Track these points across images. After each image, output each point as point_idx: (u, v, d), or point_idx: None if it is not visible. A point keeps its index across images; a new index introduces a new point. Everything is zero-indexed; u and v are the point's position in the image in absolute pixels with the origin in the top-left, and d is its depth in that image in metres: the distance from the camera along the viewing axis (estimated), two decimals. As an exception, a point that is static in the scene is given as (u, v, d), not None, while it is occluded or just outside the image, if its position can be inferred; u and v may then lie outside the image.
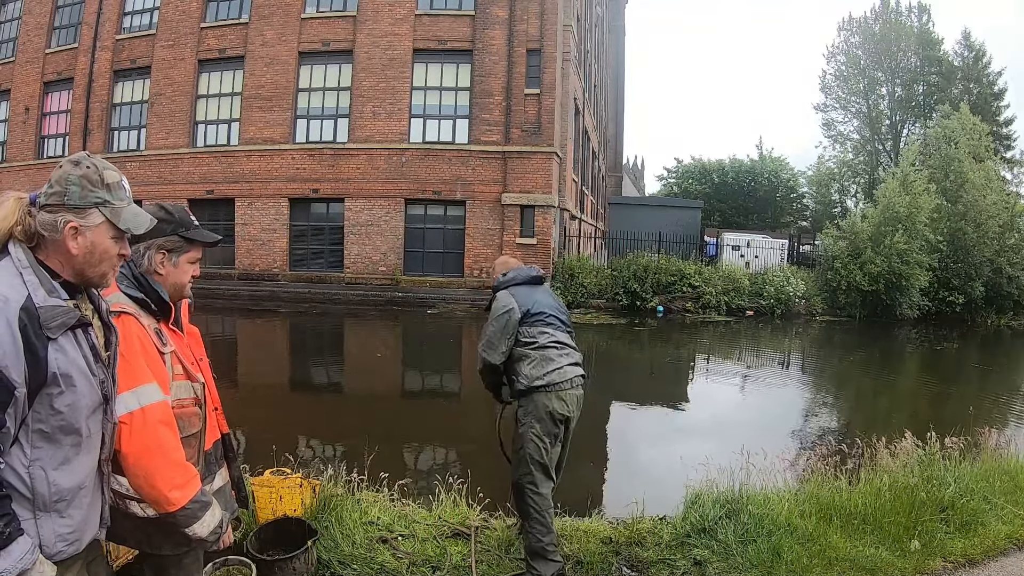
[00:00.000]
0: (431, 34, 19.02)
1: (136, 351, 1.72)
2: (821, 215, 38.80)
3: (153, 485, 1.66)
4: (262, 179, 19.67)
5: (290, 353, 12.75)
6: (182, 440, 1.79)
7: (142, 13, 21.20)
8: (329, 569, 2.95)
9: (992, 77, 37.59)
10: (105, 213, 1.48)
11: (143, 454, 1.64)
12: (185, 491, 1.70)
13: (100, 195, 1.47)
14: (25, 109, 22.20)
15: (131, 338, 1.72)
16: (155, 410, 1.68)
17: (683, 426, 7.88)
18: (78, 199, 1.45)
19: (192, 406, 1.89)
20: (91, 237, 1.46)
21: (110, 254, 1.50)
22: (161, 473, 1.66)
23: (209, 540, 1.78)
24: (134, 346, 1.72)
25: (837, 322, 18.58)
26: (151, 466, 1.65)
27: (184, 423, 1.83)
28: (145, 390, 1.68)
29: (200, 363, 2.00)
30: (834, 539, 3.21)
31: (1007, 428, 7.35)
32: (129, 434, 1.64)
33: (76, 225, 1.44)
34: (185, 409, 1.86)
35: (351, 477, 3.66)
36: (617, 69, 41.66)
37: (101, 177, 1.49)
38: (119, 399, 1.62)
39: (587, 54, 26.36)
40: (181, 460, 1.72)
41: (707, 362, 13.06)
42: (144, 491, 1.68)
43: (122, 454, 1.66)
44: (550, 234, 18.32)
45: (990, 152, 23.87)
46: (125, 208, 1.52)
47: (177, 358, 1.88)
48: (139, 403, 1.66)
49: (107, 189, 1.50)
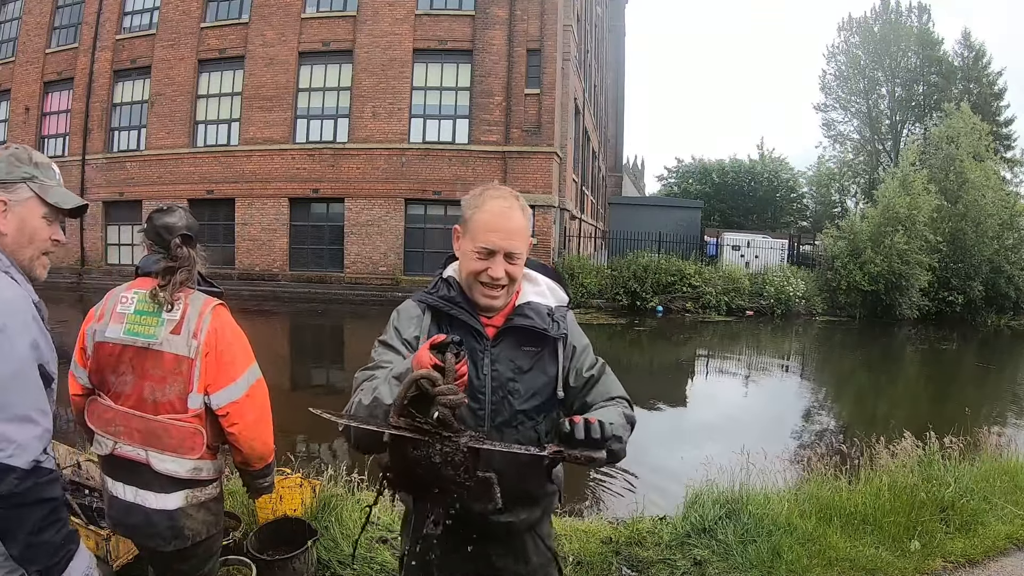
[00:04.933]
0: (431, 34, 19.02)
1: (240, 337, 1.96)
2: (821, 215, 38.81)
3: (266, 442, 2.01)
4: (262, 179, 19.67)
5: (290, 353, 12.75)
6: None
7: (142, 13, 21.20)
8: (329, 569, 2.95)
9: (992, 77, 37.61)
10: (34, 188, 1.42)
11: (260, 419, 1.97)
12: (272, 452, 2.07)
13: (28, 170, 1.43)
14: (25, 109, 22.20)
15: (232, 325, 1.96)
16: (263, 385, 1.99)
17: (683, 426, 7.89)
18: (5, 174, 1.40)
19: None
20: (20, 213, 1.40)
21: (40, 236, 1.44)
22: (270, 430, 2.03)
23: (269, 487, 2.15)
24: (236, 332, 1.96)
25: (837, 322, 18.58)
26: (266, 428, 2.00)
27: None
28: (254, 369, 1.97)
29: None
30: (834, 539, 3.21)
31: (1007, 428, 7.35)
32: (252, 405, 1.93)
33: (4, 199, 1.39)
34: None
35: (351, 477, 3.67)
36: (617, 69, 41.68)
37: (30, 156, 1.46)
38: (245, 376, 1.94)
39: (587, 54, 26.37)
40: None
41: (707, 362, 13.06)
42: (259, 452, 1.99)
43: (243, 426, 1.92)
44: (550, 234, 18.32)
45: (990, 152, 23.85)
46: (55, 186, 1.47)
47: None
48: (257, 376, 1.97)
49: (35, 166, 1.45)
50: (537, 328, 1.53)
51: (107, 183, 21.05)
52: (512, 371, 1.52)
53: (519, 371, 1.52)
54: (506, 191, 1.53)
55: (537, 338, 1.53)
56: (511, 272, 1.50)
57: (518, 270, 1.52)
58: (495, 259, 1.48)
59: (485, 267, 1.48)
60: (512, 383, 1.52)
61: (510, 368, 1.52)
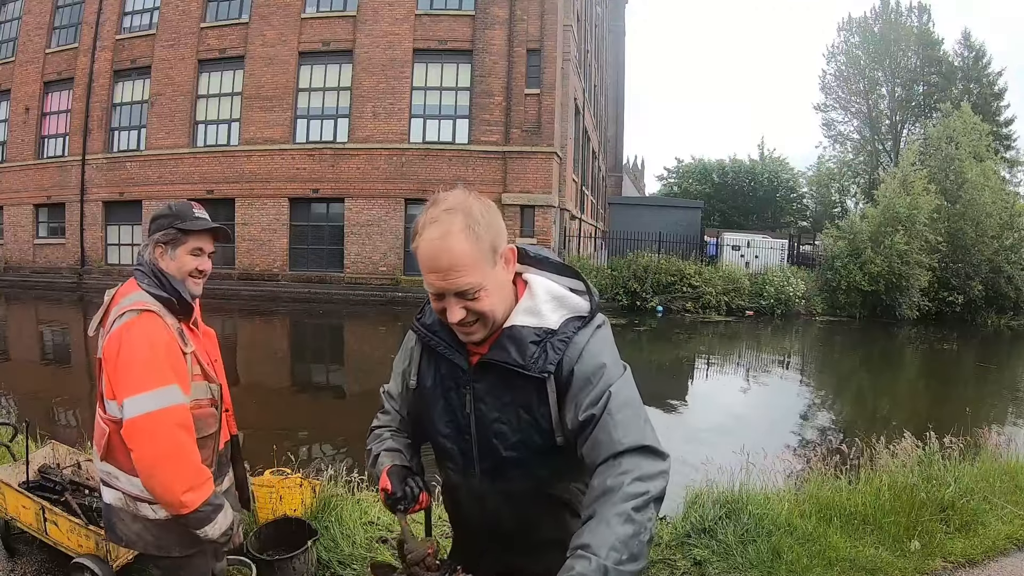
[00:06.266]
0: (431, 34, 19.02)
1: (158, 352, 1.69)
2: (821, 215, 38.84)
3: (167, 488, 1.65)
4: (262, 179, 19.67)
5: (290, 353, 12.75)
6: (199, 441, 1.78)
7: (142, 13, 21.20)
8: (329, 569, 2.95)
9: (992, 77, 37.60)
10: None
11: (159, 457, 1.63)
12: (198, 493, 1.69)
13: None
14: (25, 109, 22.20)
15: (151, 338, 1.70)
16: (174, 413, 1.67)
17: (683, 426, 7.88)
18: None
19: (209, 407, 1.89)
20: None
21: None
22: (176, 475, 1.65)
23: (220, 541, 1.77)
24: (153, 346, 1.69)
25: (837, 322, 18.57)
26: (166, 468, 1.64)
27: (201, 424, 1.83)
28: (166, 392, 1.67)
29: (215, 364, 1.99)
30: (834, 539, 3.21)
31: (1007, 428, 7.35)
32: (144, 436, 1.63)
33: None
34: (202, 410, 1.85)
35: (351, 477, 3.67)
36: (617, 69, 41.67)
37: None
38: (134, 400, 1.63)
39: (587, 54, 26.37)
40: (196, 462, 1.71)
41: (707, 362, 13.05)
42: (157, 493, 1.67)
43: (136, 455, 1.65)
44: (550, 234, 18.32)
45: (990, 152, 23.86)
46: None
47: (196, 358, 1.87)
48: (157, 405, 1.64)
49: None
50: (510, 365, 1.21)
51: (107, 183, 21.04)
52: (498, 409, 1.26)
53: (504, 409, 1.25)
54: (443, 209, 1.16)
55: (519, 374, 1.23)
56: (475, 308, 1.19)
57: (486, 303, 1.19)
58: (447, 300, 1.19)
59: (441, 308, 1.20)
60: (498, 424, 1.26)
61: (495, 407, 1.26)
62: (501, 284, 1.22)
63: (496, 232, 1.19)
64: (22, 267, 22.09)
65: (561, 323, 1.23)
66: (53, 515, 2.66)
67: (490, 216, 1.19)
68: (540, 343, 1.21)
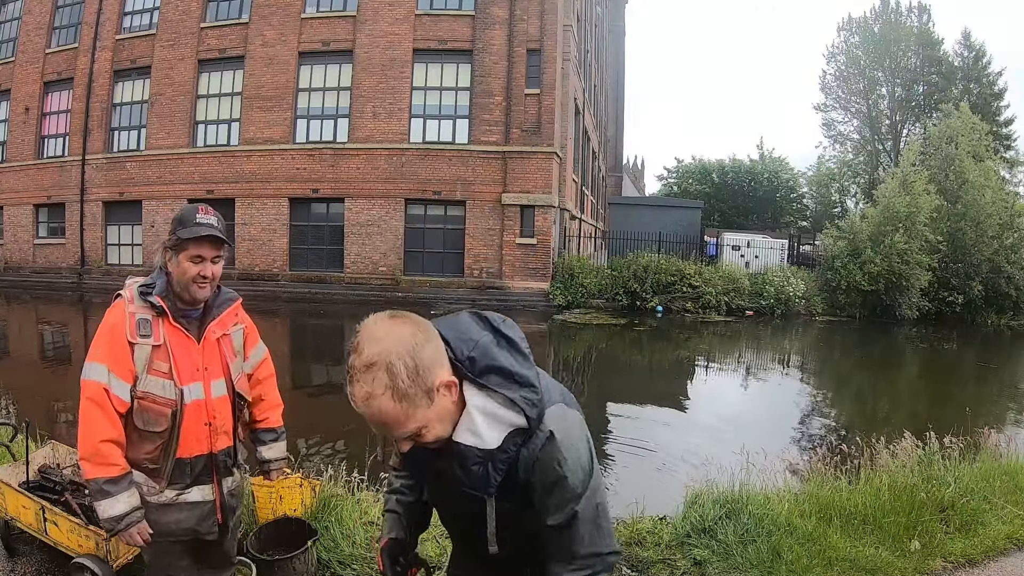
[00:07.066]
0: (431, 34, 19.02)
1: (104, 332, 1.91)
2: (821, 215, 38.84)
3: (79, 446, 1.87)
4: (262, 179, 19.67)
5: (290, 353, 12.75)
6: (142, 433, 1.90)
7: (142, 13, 21.20)
8: (329, 569, 2.95)
9: (992, 77, 37.62)
10: None
11: (80, 417, 1.85)
12: (90, 466, 1.84)
13: None
14: (25, 109, 22.19)
15: (107, 320, 1.93)
16: (87, 386, 1.86)
17: (683, 426, 7.88)
18: None
19: (161, 405, 1.90)
20: None
21: None
22: (81, 440, 1.85)
23: (104, 526, 1.89)
24: (104, 327, 1.92)
25: (837, 322, 18.57)
26: (80, 430, 1.85)
27: (145, 417, 1.90)
28: (91, 366, 1.88)
29: (205, 372, 1.99)
30: (834, 539, 3.21)
31: (1007, 428, 7.35)
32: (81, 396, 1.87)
33: None
34: (148, 403, 1.90)
35: (351, 477, 3.66)
36: (617, 69, 41.64)
37: None
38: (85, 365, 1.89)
39: (587, 54, 26.36)
40: (96, 437, 1.84)
41: (707, 362, 13.05)
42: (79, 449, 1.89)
43: None
44: (550, 234, 18.32)
45: (990, 152, 23.85)
46: None
47: (166, 355, 1.91)
48: (84, 375, 1.87)
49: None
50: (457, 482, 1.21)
51: (107, 183, 21.04)
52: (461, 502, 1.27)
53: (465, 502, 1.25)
54: (364, 364, 1.12)
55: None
56: (421, 442, 1.17)
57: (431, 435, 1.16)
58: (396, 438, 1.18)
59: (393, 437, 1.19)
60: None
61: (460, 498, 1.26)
62: (443, 414, 1.16)
63: (426, 373, 1.12)
64: (22, 267, 22.09)
65: (502, 441, 1.16)
66: (53, 515, 2.66)
67: (417, 356, 1.11)
68: (482, 463, 1.17)
